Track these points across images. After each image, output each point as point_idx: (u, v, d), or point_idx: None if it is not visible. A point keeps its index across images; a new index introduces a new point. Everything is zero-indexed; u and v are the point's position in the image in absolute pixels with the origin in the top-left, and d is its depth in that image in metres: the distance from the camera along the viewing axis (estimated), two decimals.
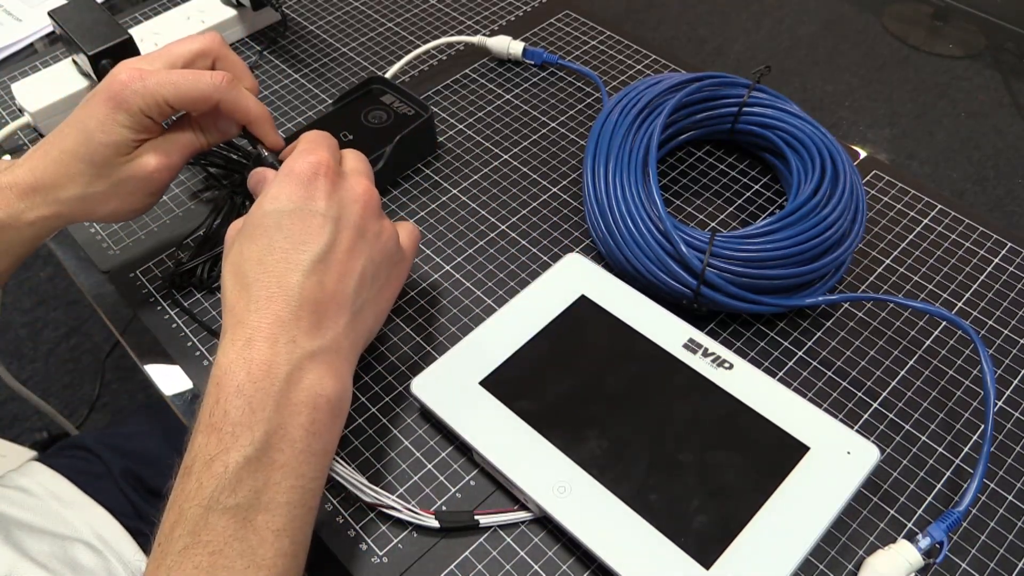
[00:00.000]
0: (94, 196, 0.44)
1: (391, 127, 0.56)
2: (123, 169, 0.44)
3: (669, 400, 0.42)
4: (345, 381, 0.38)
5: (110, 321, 0.51)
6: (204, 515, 0.32)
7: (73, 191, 0.44)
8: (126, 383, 1.31)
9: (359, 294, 0.39)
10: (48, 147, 0.44)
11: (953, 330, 0.48)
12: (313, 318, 0.37)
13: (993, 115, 1.17)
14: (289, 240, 0.38)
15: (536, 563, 0.39)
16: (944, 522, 0.38)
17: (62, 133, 0.44)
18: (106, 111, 0.43)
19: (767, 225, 0.47)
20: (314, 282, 0.37)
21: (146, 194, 0.46)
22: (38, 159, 0.44)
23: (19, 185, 0.43)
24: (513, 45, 0.65)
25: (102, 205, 0.45)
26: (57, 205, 0.44)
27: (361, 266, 0.39)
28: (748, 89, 0.54)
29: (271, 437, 0.34)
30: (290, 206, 0.38)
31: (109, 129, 0.43)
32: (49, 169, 0.43)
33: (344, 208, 0.39)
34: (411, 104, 0.57)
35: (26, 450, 0.74)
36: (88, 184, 0.44)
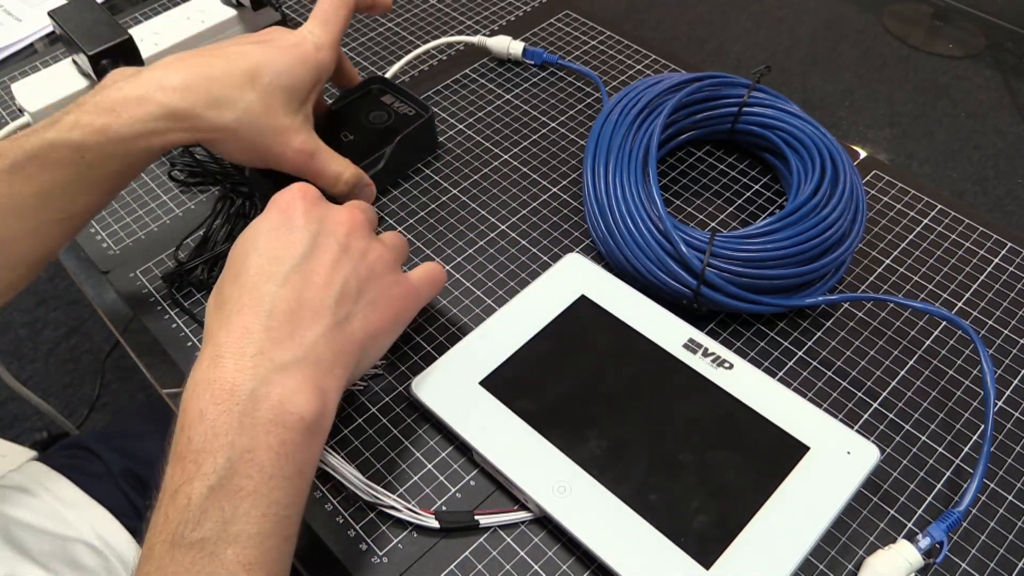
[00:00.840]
0: (242, 129, 0.44)
1: (392, 127, 0.56)
2: (280, 119, 0.44)
3: (669, 400, 0.42)
4: (325, 396, 0.35)
5: (110, 321, 0.51)
6: (170, 551, 0.30)
7: (227, 115, 0.43)
8: (126, 383, 1.31)
9: (341, 305, 0.37)
10: (207, 64, 0.43)
11: (953, 330, 0.48)
12: (286, 328, 0.35)
13: (993, 115, 1.17)
14: (264, 256, 0.37)
15: (536, 563, 0.39)
16: (944, 522, 0.38)
17: (231, 56, 0.44)
18: (296, 58, 0.45)
19: (767, 225, 0.47)
20: (288, 291, 0.35)
21: (268, 160, 0.46)
22: (193, 73, 0.43)
23: (162, 97, 0.42)
24: (513, 45, 0.65)
25: (237, 142, 0.44)
26: (198, 126, 0.43)
27: (343, 278, 0.37)
28: (748, 89, 0.54)
29: (236, 463, 0.31)
30: (268, 228, 0.38)
31: (295, 75, 0.44)
32: (209, 85, 0.42)
33: (324, 224, 0.38)
34: (411, 104, 0.57)
35: (26, 450, 0.74)
36: (245, 113, 0.43)
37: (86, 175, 0.41)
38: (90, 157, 0.41)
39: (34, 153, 0.40)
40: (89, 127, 0.40)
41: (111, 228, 0.56)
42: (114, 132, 0.41)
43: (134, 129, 0.41)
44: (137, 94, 0.42)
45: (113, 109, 0.41)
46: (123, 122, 0.41)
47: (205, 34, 0.68)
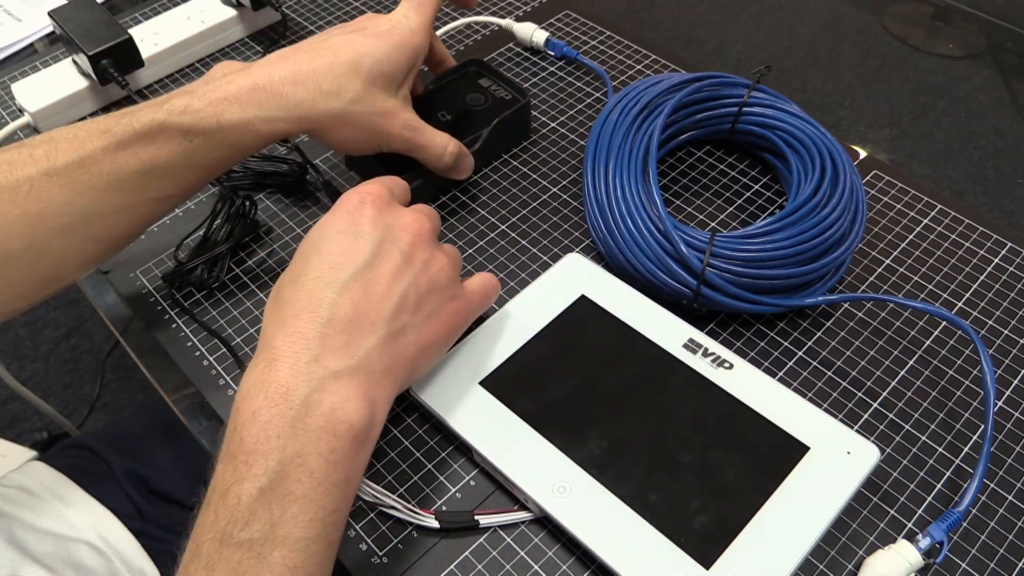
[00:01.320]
0: (350, 115, 0.45)
1: (488, 110, 0.56)
2: (384, 103, 0.46)
3: (669, 400, 0.42)
4: (375, 407, 0.35)
5: (110, 321, 0.51)
6: (218, 549, 0.31)
7: (336, 104, 0.44)
8: (126, 383, 1.31)
9: (397, 317, 0.37)
10: (311, 58, 0.44)
11: (953, 330, 0.48)
12: (342, 336, 0.35)
13: (993, 115, 1.17)
14: (327, 261, 0.37)
15: (536, 563, 0.39)
16: (944, 522, 0.38)
17: (333, 49, 0.45)
18: (392, 44, 0.46)
19: (767, 225, 0.47)
20: (348, 299, 0.36)
21: (376, 143, 0.48)
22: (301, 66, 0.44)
23: (273, 88, 0.43)
24: (537, 33, 0.66)
25: (345, 129, 0.46)
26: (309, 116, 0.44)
27: (402, 290, 0.37)
28: (748, 89, 0.54)
29: (287, 466, 0.32)
30: (334, 231, 0.38)
31: (394, 60, 0.46)
32: (319, 76, 0.44)
33: (389, 232, 0.38)
34: (508, 89, 0.58)
35: (26, 450, 0.74)
36: (353, 102, 0.45)
37: (191, 158, 0.42)
38: (198, 142, 0.42)
39: (143, 132, 0.41)
40: (200, 113, 0.42)
41: None
42: (226, 120, 0.42)
43: (245, 118, 0.42)
44: (249, 85, 0.43)
45: (225, 98, 0.42)
46: (235, 111, 0.42)
47: (205, 34, 0.68)
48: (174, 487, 0.58)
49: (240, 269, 0.52)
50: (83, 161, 0.40)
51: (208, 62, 0.68)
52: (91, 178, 0.41)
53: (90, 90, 0.63)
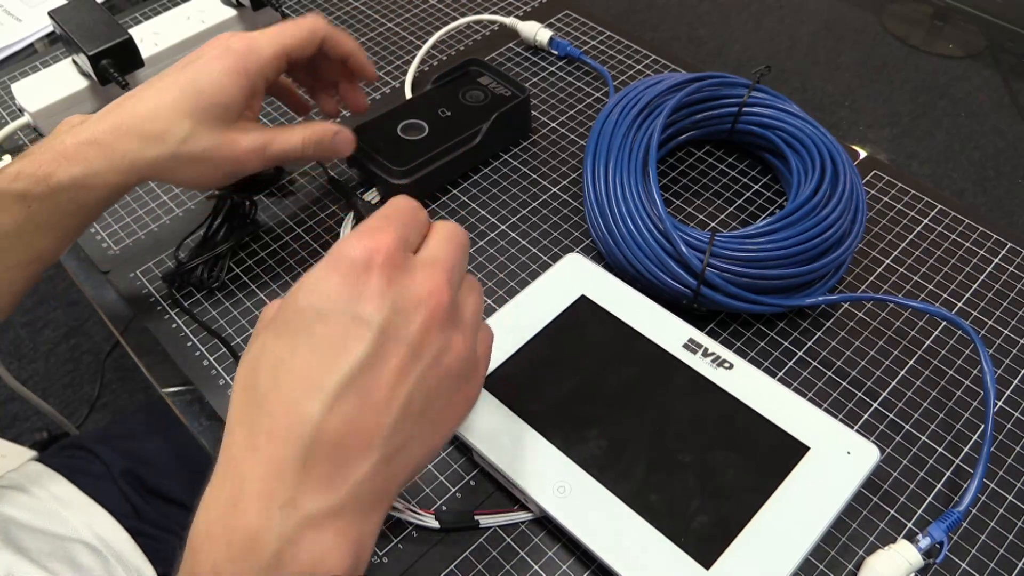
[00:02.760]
0: (183, 157, 0.43)
1: (488, 106, 0.57)
2: (219, 136, 0.43)
3: (669, 400, 0.42)
4: (361, 547, 0.29)
5: (110, 321, 0.51)
6: None
7: (163, 149, 0.42)
8: (126, 383, 1.31)
9: (398, 431, 0.29)
10: (136, 102, 0.43)
11: (953, 330, 0.48)
12: (327, 466, 0.28)
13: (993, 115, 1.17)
14: (316, 352, 0.29)
15: (536, 563, 0.39)
16: (944, 522, 0.38)
17: (159, 89, 0.43)
18: (221, 71, 0.43)
19: (767, 225, 0.47)
20: (338, 415, 0.28)
21: (226, 173, 0.45)
22: (124, 114, 0.42)
23: (100, 141, 0.42)
24: (541, 32, 0.66)
25: (185, 169, 0.44)
26: (137, 166, 0.42)
27: (407, 394, 0.29)
28: (748, 89, 0.54)
29: None
30: (329, 305, 0.29)
31: (224, 88, 0.43)
32: (141, 123, 0.42)
33: (398, 315, 0.30)
34: (508, 85, 0.58)
35: (26, 450, 0.74)
36: (182, 143, 0.42)
37: (36, 223, 0.42)
38: (36, 206, 0.41)
39: None
40: (31, 177, 0.41)
41: (111, 228, 0.56)
42: (55, 181, 0.41)
43: (72, 177, 0.41)
44: (77, 141, 0.42)
45: (54, 159, 0.41)
46: (63, 171, 0.41)
47: (205, 34, 0.68)
48: (172, 486, 0.58)
49: (240, 269, 0.52)
50: None
51: None
52: None
53: (90, 90, 0.63)
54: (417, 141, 0.54)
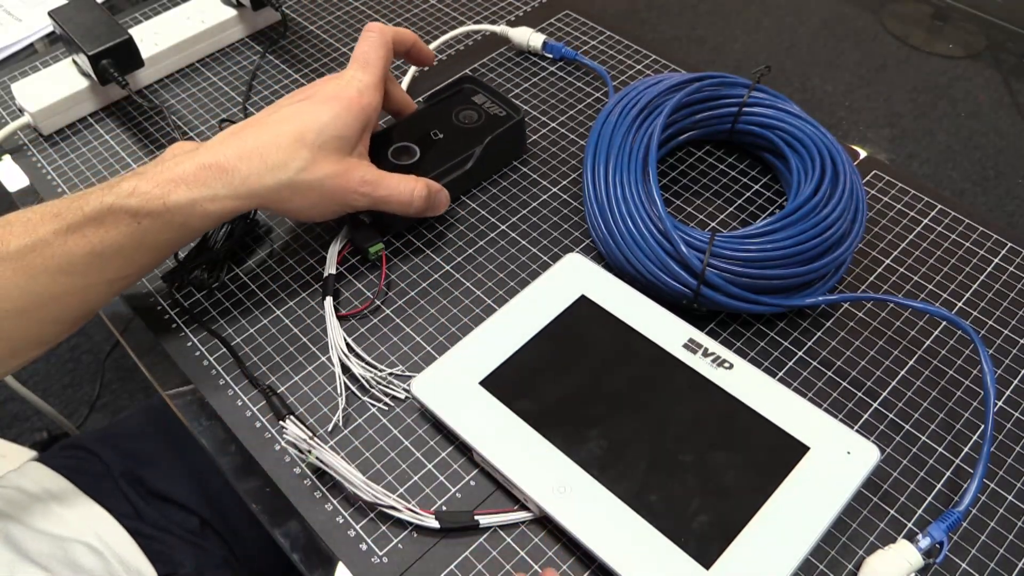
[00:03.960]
0: (300, 185, 0.45)
1: (482, 127, 0.55)
2: (336, 166, 0.45)
3: (669, 400, 0.42)
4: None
5: (110, 321, 0.51)
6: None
7: (283, 176, 0.44)
8: (126, 383, 1.31)
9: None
10: (258, 132, 0.45)
11: (953, 330, 0.48)
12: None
13: (993, 115, 1.17)
14: None
15: (536, 563, 0.39)
16: (944, 522, 0.38)
17: (279, 120, 0.45)
18: (340, 107, 0.46)
19: (767, 225, 0.47)
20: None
21: (339, 203, 0.47)
22: (246, 143, 0.44)
23: (223, 165, 0.43)
24: (534, 37, 0.65)
25: (301, 198, 0.45)
26: (256, 191, 0.44)
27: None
28: (748, 89, 0.54)
29: None
30: None
31: (342, 123, 0.46)
32: (263, 151, 0.44)
33: None
34: (502, 105, 0.57)
35: (26, 450, 0.74)
36: (301, 171, 0.44)
37: (141, 240, 0.43)
38: (146, 223, 0.42)
39: (92, 215, 0.41)
40: (147, 195, 0.42)
41: None
42: (172, 202, 0.42)
43: (191, 199, 0.42)
44: (196, 165, 0.43)
45: (172, 180, 0.42)
46: (181, 192, 0.42)
47: (205, 34, 0.68)
48: (172, 487, 0.58)
49: (240, 269, 0.52)
50: (35, 245, 0.41)
51: (208, 62, 0.68)
52: (43, 261, 0.41)
53: (90, 90, 0.63)
54: (408, 166, 0.53)
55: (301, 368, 0.47)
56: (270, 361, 0.47)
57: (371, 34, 0.50)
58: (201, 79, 0.67)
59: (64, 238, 0.41)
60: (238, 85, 0.66)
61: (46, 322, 0.43)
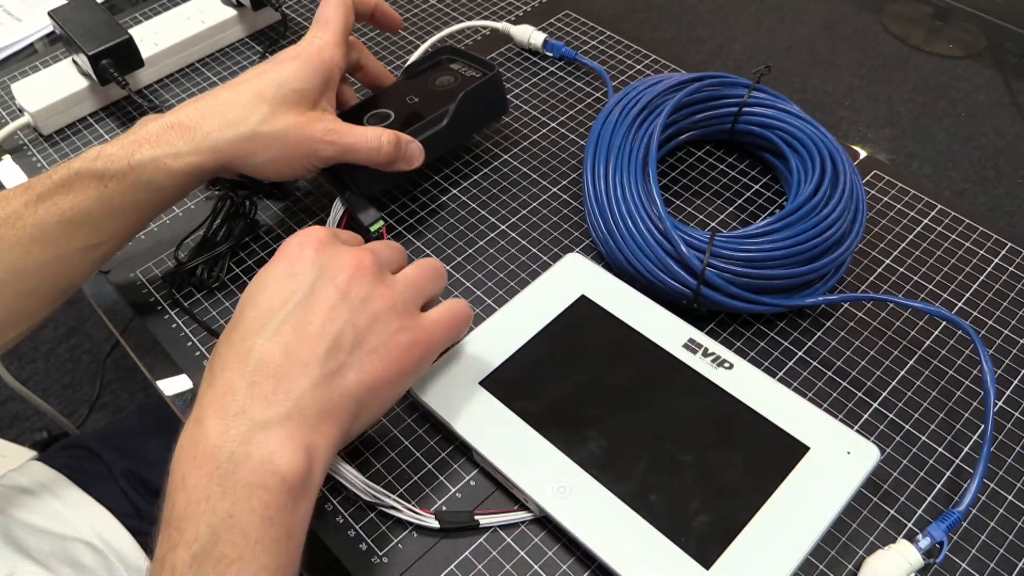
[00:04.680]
0: (262, 136, 0.45)
1: (456, 88, 0.55)
2: (296, 117, 0.46)
3: (669, 400, 0.42)
4: (313, 454, 0.33)
5: (110, 321, 0.51)
6: None
7: (244, 128, 0.45)
8: (126, 383, 1.31)
9: (333, 357, 0.35)
10: (217, 94, 0.46)
11: (953, 330, 0.48)
12: (271, 383, 0.33)
13: (993, 115, 1.17)
14: (260, 308, 0.36)
15: (536, 563, 0.39)
16: (944, 522, 0.38)
17: (239, 83, 0.46)
18: (298, 63, 0.47)
19: (767, 225, 0.47)
20: (276, 343, 0.34)
21: (304, 155, 0.47)
22: (206, 103, 0.45)
23: (183, 123, 0.44)
24: (534, 35, 0.66)
25: (264, 150, 0.45)
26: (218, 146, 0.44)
27: (337, 328, 0.35)
28: (748, 89, 0.54)
29: (218, 529, 0.30)
30: (269, 279, 0.37)
31: (300, 75, 0.46)
32: (223, 109, 0.45)
33: (325, 271, 0.36)
34: (479, 67, 0.57)
35: (26, 450, 0.74)
36: (261, 123, 0.45)
37: (110, 203, 0.43)
38: (112, 185, 0.43)
39: (60, 181, 0.42)
40: (111, 157, 0.43)
41: None
42: (136, 160, 0.43)
43: (153, 156, 0.43)
44: (159, 126, 0.44)
45: (136, 141, 0.44)
46: (144, 151, 0.43)
47: (205, 34, 0.68)
48: None
49: (240, 269, 0.52)
50: (8, 218, 0.42)
51: (208, 62, 0.68)
52: (16, 233, 0.42)
53: (90, 90, 0.63)
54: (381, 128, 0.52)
55: None
56: None
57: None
58: (201, 79, 0.67)
59: (35, 207, 0.42)
60: None
61: (24, 295, 0.43)
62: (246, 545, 0.30)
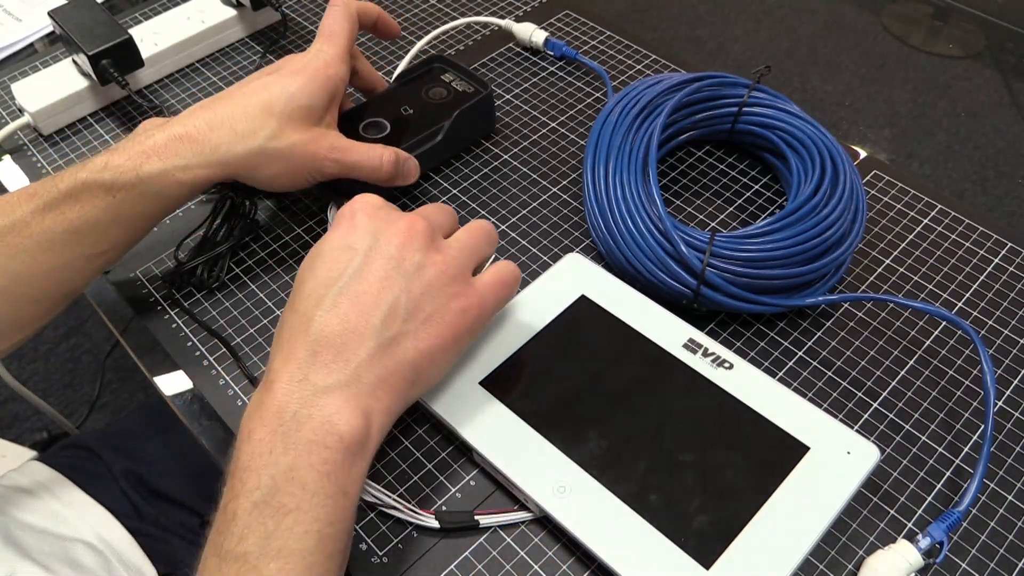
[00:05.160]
0: (270, 151, 0.45)
1: (450, 103, 0.57)
2: (304, 134, 0.46)
3: (669, 400, 0.42)
4: (370, 417, 0.35)
5: (110, 321, 0.51)
6: (218, 565, 0.31)
7: (253, 143, 0.45)
8: (126, 383, 1.31)
9: (388, 326, 0.36)
10: (225, 103, 0.45)
11: (953, 330, 0.48)
12: (330, 352, 0.35)
13: (993, 115, 1.17)
14: (319, 279, 0.37)
15: (536, 563, 0.39)
16: (944, 522, 0.38)
17: (246, 93, 0.46)
18: (305, 78, 0.47)
19: (767, 225, 0.47)
20: (335, 315, 0.36)
21: (309, 171, 0.47)
22: (215, 114, 0.45)
23: (193, 136, 0.44)
24: (536, 33, 0.66)
25: (271, 165, 0.46)
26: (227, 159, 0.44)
27: (392, 298, 0.37)
28: (748, 89, 0.54)
29: (279, 480, 0.32)
30: (326, 249, 0.38)
31: (308, 92, 0.46)
32: (233, 121, 0.45)
33: (379, 238, 0.38)
34: (471, 81, 0.58)
35: (26, 450, 0.74)
36: (269, 138, 0.45)
37: (116, 213, 0.43)
38: (121, 196, 0.43)
39: (67, 191, 0.42)
40: (119, 168, 0.43)
41: None
42: (145, 172, 0.43)
43: (163, 168, 0.43)
44: (166, 136, 0.44)
45: (143, 151, 0.43)
46: (153, 163, 0.43)
47: (205, 34, 0.68)
48: (172, 486, 0.58)
49: (240, 269, 0.52)
50: (14, 225, 0.42)
51: (208, 62, 0.68)
52: (22, 241, 0.42)
53: (90, 90, 0.63)
54: (379, 140, 0.54)
55: None
56: None
57: (335, 7, 0.50)
58: (201, 79, 0.67)
59: (41, 216, 0.42)
60: None
61: (27, 301, 0.44)
62: (304, 497, 0.32)
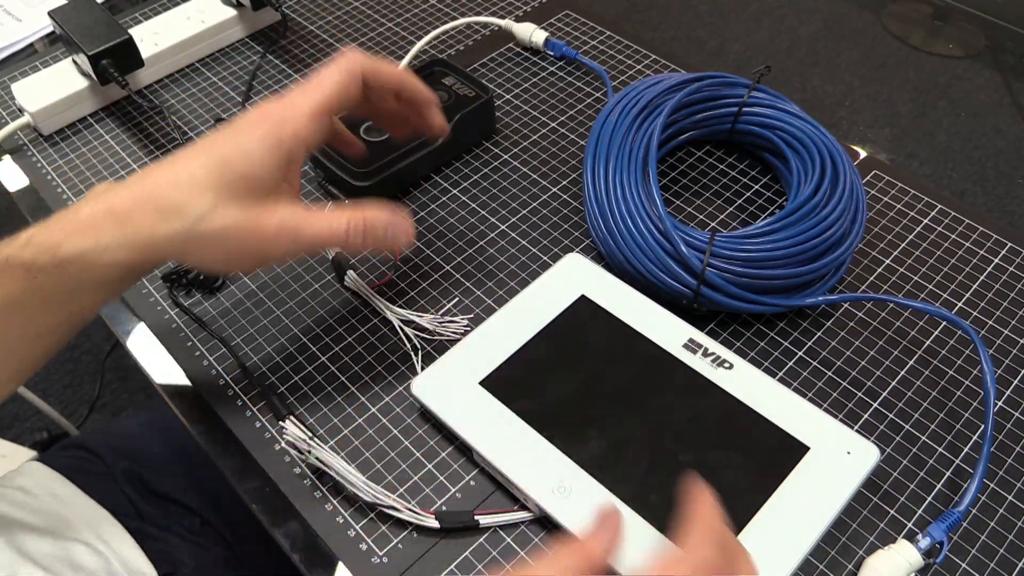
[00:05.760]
0: (200, 236, 0.38)
1: (451, 107, 0.56)
2: (243, 213, 0.38)
3: (669, 400, 0.42)
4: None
5: (110, 321, 0.51)
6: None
7: (178, 225, 0.37)
8: (126, 383, 1.31)
9: None
10: (161, 170, 0.39)
11: (953, 330, 0.48)
12: None
13: (993, 115, 1.17)
14: None
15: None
16: (944, 522, 0.38)
17: (185, 156, 0.39)
18: (251, 139, 0.38)
19: (767, 225, 0.47)
20: None
21: (254, 257, 0.40)
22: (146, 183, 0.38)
23: (116, 212, 0.37)
24: (536, 33, 0.66)
25: (205, 251, 0.39)
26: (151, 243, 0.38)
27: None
28: (748, 89, 0.54)
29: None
30: None
31: (254, 158, 0.38)
32: (160, 193, 0.38)
33: None
34: (472, 85, 0.58)
35: (26, 450, 0.74)
36: (199, 220, 0.37)
37: (40, 296, 0.38)
38: (41, 278, 0.37)
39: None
40: (40, 247, 0.37)
41: None
42: (62, 253, 0.37)
43: (80, 250, 0.37)
44: (98, 210, 0.38)
45: (64, 229, 0.38)
46: (73, 243, 0.37)
47: (205, 34, 0.68)
48: (172, 486, 0.58)
49: None
50: None
51: (208, 62, 0.68)
52: None
53: (90, 90, 0.63)
54: (379, 143, 0.54)
55: (301, 368, 0.47)
56: (270, 361, 0.47)
57: (338, 57, 0.42)
58: (201, 79, 0.67)
59: None
60: (238, 85, 0.66)
61: None
62: None
